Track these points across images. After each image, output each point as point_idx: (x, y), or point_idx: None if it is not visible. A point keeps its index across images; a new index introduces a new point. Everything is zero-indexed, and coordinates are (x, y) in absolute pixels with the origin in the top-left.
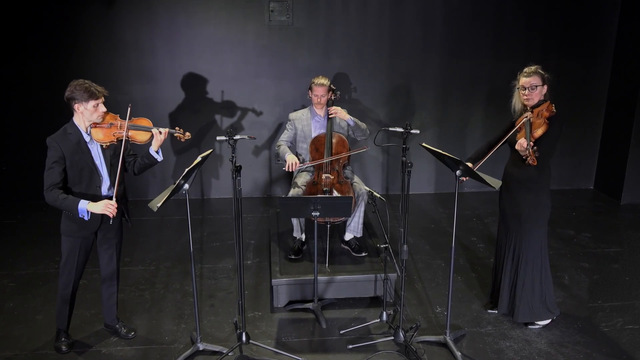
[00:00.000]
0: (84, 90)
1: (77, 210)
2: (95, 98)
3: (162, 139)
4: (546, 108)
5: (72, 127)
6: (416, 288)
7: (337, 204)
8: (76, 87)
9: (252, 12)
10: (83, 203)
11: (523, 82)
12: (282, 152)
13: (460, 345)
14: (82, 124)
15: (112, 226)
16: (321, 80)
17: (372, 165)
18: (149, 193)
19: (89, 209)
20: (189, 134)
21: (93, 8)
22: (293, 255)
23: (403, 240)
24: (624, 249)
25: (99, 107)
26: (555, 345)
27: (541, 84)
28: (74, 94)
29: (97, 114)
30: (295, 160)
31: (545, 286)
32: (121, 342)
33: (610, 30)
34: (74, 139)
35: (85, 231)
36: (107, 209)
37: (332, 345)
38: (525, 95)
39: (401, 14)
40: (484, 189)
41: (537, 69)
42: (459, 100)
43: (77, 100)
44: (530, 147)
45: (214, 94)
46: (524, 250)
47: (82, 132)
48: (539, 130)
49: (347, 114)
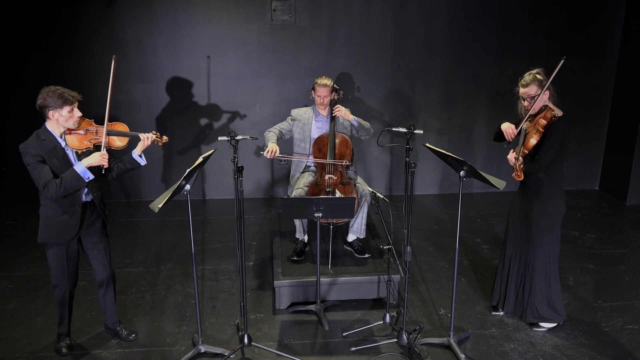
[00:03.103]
0: (57, 96)
1: (79, 176)
2: (70, 103)
3: (147, 144)
4: (544, 116)
5: (45, 133)
6: (420, 290)
7: (339, 204)
8: (48, 94)
9: (254, 11)
10: (78, 166)
11: (521, 92)
12: (268, 138)
13: (464, 347)
14: (56, 130)
15: (95, 230)
16: (324, 81)
17: (375, 165)
18: (150, 194)
19: (86, 165)
20: (166, 138)
21: (93, 7)
22: (295, 256)
23: (406, 242)
24: (630, 251)
25: (74, 112)
26: (560, 348)
27: (540, 92)
28: (46, 101)
29: (73, 120)
30: (275, 148)
31: (553, 292)
32: (122, 344)
33: (615, 30)
34: (49, 145)
35: (67, 234)
36: (103, 158)
37: (334, 348)
38: (526, 106)
39: (405, 13)
40: (488, 189)
41: (534, 77)
42: (463, 101)
43: (50, 108)
44: (517, 162)
45: (215, 94)
46: (533, 256)
47: (57, 137)
48: (532, 140)
49: (350, 113)
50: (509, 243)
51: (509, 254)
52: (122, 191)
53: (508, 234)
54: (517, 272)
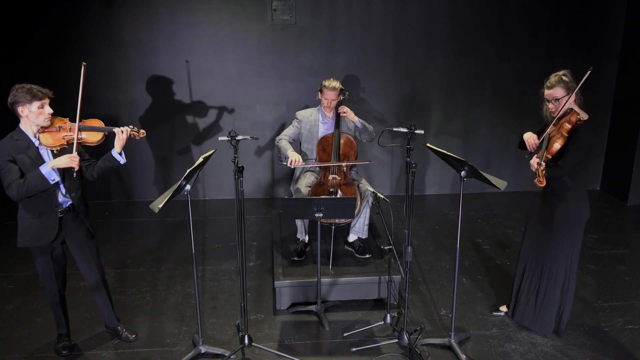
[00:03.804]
0: (26, 91)
1: (43, 177)
2: (39, 99)
3: (124, 138)
4: (568, 120)
5: (19, 133)
6: (421, 290)
7: (340, 205)
8: (18, 90)
9: (254, 11)
10: (44, 167)
11: (546, 94)
12: (284, 147)
13: (465, 348)
14: (30, 129)
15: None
16: (333, 84)
17: (377, 166)
18: (150, 194)
19: (52, 166)
20: (143, 132)
21: (93, 7)
22: (296, 256)
23: (407, 242)
24: (631, 251)
25: (45, 109)
26: (561, 348)
27: (565, 94)
28: (16, 97)
29: (44, 117)
30: (298, 157)
31: (566, 298)
32: (122, 344)
33: (616, 30)
34: (22, 145)
35: (45, 238)
36: (73, 161)
37: (335, 348)
38: (551, 108)
39: (405, 13)
40: (489, 190)
41: (560, 79)
42: (464, 100)
43: (20, 104)
44: (539, 168)
45: (215, 94)
46: (551, 262)
47: (30, 137)
48: (556, 145)
49: (355, 115)
50: (525, 247)
51: (524, 258)
52: (122, 191)
53: (526, 238)
54: (531, 278)
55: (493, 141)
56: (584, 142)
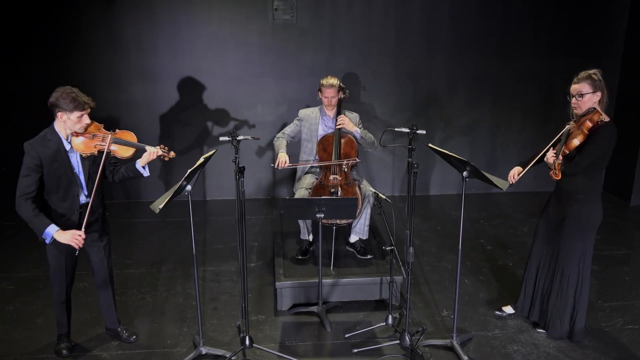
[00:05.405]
0: (71, 100)
1: (42, 233)
2: (81, 109)
3: (152, 157)
4: (590, 118)
5: (52, 133)
6: (422, 291)
7: (341, 205)
8: (62, 95)
9: (255, 11)
10: (52, 228)
11: (572, 88)
12: (277, 147)
13: (467, 349)
14: (63, 131)
15: (97, 228)
16: (330, 81)
17: (379, 166)
18: (151, 194)
19: (55, 237)
20: (173, 153)
21: (93, 7)
22: (300, 255)
23: (409, 243)
24: (633, 251)
25: (83, 119)
26: (563, 349)
27: (591, 91)
28: (59, 101)
29: (80, 125)
30: (285, 158)
31: (579, 302)
32: (122, 346)
33: (618, 29)
34: (53, 146)
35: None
36: (74, 239)
37: (336, 349)
38: (573, 103)
39: (406, 13)
40: (492, 190)
41: (588, 75)
42: (465, 100)
43: (61, 109)
44: (556, 161)
45: (216, 94)
46: (562, 261)
47: (63, 139)
48: (575, 141)
49: (354, 125)
50: (536, 249)
51: (536, 260)
52: (122, 192)
53: (537, 239)
54: (544, 279)
55: (494, 141)
56: (602, 142)
